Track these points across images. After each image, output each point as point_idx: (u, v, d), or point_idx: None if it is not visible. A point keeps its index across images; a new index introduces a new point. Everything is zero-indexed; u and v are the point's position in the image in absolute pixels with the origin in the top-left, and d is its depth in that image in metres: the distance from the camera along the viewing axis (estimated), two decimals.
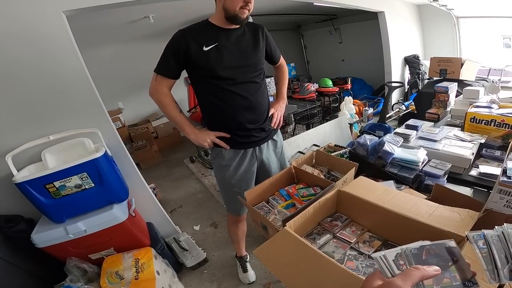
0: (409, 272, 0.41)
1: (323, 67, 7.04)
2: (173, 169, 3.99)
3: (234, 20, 1.24)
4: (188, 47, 1.23)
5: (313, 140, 2.88)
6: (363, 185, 1.09)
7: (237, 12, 1.20)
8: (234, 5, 1.19)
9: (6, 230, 1.50)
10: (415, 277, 0.40)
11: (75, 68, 1.61)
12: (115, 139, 1.83)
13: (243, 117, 1.35)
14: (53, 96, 1.59)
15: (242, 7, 1.20)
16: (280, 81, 1.66)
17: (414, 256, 0.45)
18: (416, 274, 0.40)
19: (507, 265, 0.43)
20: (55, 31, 1.53)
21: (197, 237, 2.40)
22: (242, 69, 1.31)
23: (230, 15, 1.22)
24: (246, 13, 1.23)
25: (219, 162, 1.45)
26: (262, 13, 4.36)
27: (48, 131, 1.59)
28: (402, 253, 0.45)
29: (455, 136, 1.74)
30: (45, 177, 1.41)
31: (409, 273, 0.40)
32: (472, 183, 1.48)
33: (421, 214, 0.85)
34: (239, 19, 1.23)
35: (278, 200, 1.24)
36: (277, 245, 0.85)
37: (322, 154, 1.49)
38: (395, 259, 0.45)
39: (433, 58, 3.39)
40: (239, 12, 1.21)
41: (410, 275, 0.40)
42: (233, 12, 1.20)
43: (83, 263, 1.57)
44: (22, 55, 1.47)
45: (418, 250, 0.46)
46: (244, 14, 1.22)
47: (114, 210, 1.59)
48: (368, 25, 5.17)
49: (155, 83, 1.33)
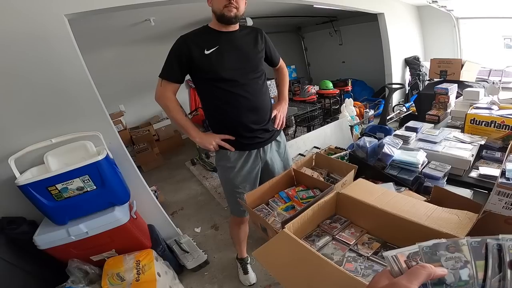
0: (415, 271, 0.38)
1: (323, 69, 7.05)
2: (175, 172, 4.00)
3: (224, 20, 1.27)
4: (190, 51, 1.28)
5: (314, 142, 2.88)
6: (362, 187, 1.09)
7: (223, 11, 1.24)
8: (219, 5, 1.24)
9: (9, 232, 1.51)
10: (422, 276, 0.37)
11: (77, 72, 1.63)
12: (117, 142, 1.84)
13: (247, 118, 1.38)
14: (55, 99, 1.61)
15: (226, 6, 1.22)
16: (281, 83, 1.68)
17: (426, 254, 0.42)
18: (423, 272, 0.37)
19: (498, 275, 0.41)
20: (57, 35, 1.54)
21: (198, 239, 2.41)
22: (243, 70, 1.34)
23: (218, 15, 1.27)
24: (234, 11, 1.24)
25: (224, 163, 1.47)
26: (263, 15, 4.38)
27: (50, 134, 1.61)
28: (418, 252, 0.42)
29: (455, 138, 1.74)
30: (47, 180, 1.42)
31: (415, 272, 0.38)
32: (472, 184, 1.48)
33: (419, 216, 0.86)
34: (227, 17, 1.25)
35: (278, 202, 1.24)
36: (276, 247, 0.86)
37: (321, 157, 1.50)
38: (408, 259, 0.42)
39: (433, 60, 3.39)
40: (224, 11, 1.24)
41: (416, 274, 0.37)
42: (219, 11, 1.25)
43: (84, 264, 1.58)
44: (25, 58, 1.49)
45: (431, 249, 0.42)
46: (230, 12, 1.24)
47: (115, 212, 1.60)
48: (368, 26, 5.17)
49: (161, 88, 1.37)
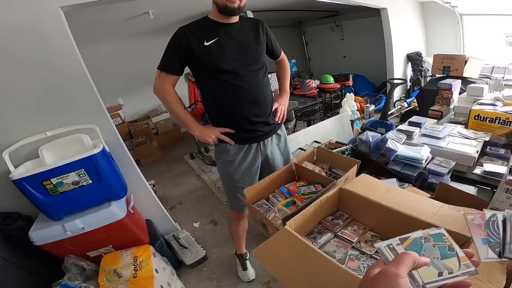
0: (401, 257, 0.40)
1: (324, 64, 6.99)
2: (173, 166, 3.97)
3: (226, 11, 1.23)
4: (189, 43, 1.24)
5: (314, 136, 2.86)
6: (365, 183, 1.06)
7: (226, 2, 1.19)
8: None
9: (4, 228, 1.49)
10: (408, 262, 0.39)
11: (72, 64, 1.59)
12: (114, 135, 1.80)
13: (248, 110, 1.35)
14: (50, 92, 1.57)
15: None
16: (282, 75, 1.65)
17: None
18: (407, 258, 0.40)
19: None
20: (53, 27, 1.50)
21: (197, 234, 2.39)
22: (243, 62, 1.31)
23: (220, 7, 1.22)
24: (237, 2, 1.20)
25: (223, 157, 1.44)
26: (264, 9, 4.32)
27: (45, 127, 1.57)
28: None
29: (459, 134, 1.71)
30: (42, 174, 1.39)
31: (401, 258, 0.40)
32: (476, 181, 1.45)
33: (425, 214, 0.83)
34: (230, 9, 1.21)
35: (278, 198, 1.21)
36: (277, 244, 0.83)
37: (323, 151, 1.47)
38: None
39: (437, 55, 3.36)
40: (227, 2, 1.19)
41: (402, 260, 0.40)
42: (222, 3, 1.20)
43: (81, 261, 1.55)
44: (19, 50, 1.45)
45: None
46: (234, 3, 1.20)
47: (112, 207, 1.57)
48: (370, 21, 5.12)
49: (159, 81, 1.34)
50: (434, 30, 4.95)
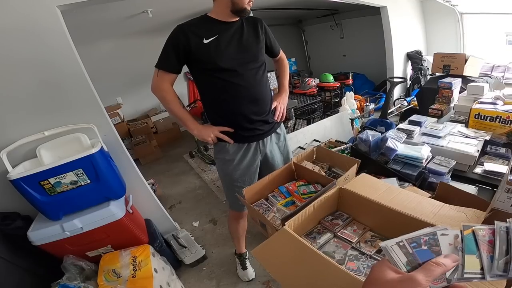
0: (431, 267, 0.39)
1: (324, 62, 6.98)
2: (173, 165, 3.97)
3: (241, 13, 1.26)
4: (188, 40, 1.23)
5: (314, 135, 2.85)
6: (365, 182, 1.05)
7: (245, 5, 1.23)
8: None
9: (3, 228, 1.48)
10: (437, 273, 0.38)
11: (70, 63, 1.58)
12: (112, 135, 1.79)
13: (247, 108, 1.35)
14: (48, 91, 1.56)
15: (250, 0, 1.24)
16: (281, 74, 1.65)
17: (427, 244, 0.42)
18: (438, 270, 0.38)
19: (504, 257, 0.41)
20: (50, 27, 1.49)
21: (196, 233, 2.39)
22: (242, 60, 1.31)
23: (239, 8, 1.24)
24: (251, 5, 1.26)
25: (223, 156, 1.44)
26: (263, 7, 4.30)
27: (43, 126, 1.56)
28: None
29: (459, 133, 1.71)
30: (40, 174, 1.38)
31: (431, 268, 0.39)
32: (476, 181, 1.45)
33: (426, 214, 0.82)
34: (246, 12, 1.26)
35: (278, 198, 1.20)
36: (276, 245, 0.82)
37: (323, 150, 1.46)
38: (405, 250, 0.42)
39: (437, 54, 3.35)
40: (247, 6, 1.24)
41: (432, 271, 0.38)
42: (242, 5, 1.22)
43: (80, 260, 1.55)
44: (16, 50, 1.44)
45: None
46: (249, 6, 1.25)
47: (111, 207, 1.57)
48: (370, 20, 5.10)
49: (157, 79, 1.33)
50: (434, 29, 4.94)
